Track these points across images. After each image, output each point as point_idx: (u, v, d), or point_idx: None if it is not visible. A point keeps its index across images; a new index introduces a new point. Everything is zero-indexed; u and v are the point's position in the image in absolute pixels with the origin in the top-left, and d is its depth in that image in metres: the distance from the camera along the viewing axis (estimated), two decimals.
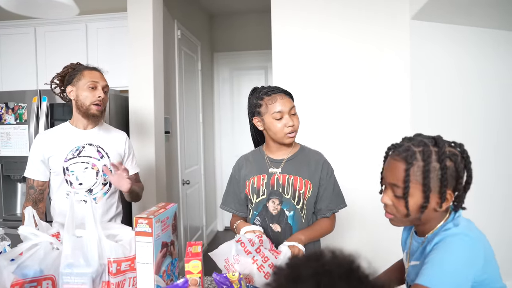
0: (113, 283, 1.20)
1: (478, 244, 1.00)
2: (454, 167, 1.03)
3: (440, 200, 1.04)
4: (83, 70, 1.78)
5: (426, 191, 1.03)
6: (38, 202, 1.81)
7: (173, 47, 3.46)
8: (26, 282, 1.13)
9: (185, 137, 3.80)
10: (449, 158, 1.03)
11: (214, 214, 5.00)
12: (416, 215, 1.07)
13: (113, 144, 1.87)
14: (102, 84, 1.79)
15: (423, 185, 1.03)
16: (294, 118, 1.52)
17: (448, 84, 2.56)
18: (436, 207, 1.05)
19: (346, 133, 2.59)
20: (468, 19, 2.47)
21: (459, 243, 0.99)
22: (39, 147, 1.77)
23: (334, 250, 0.61)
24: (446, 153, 1.03)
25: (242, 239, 1.32)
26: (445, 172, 1.02)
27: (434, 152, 1.04)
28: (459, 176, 1.04)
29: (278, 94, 1.51)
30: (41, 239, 1.23)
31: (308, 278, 0.56)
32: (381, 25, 2.53)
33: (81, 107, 1.76)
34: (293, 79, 2.60)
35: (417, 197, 1.05)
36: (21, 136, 2.70)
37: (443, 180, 1.02)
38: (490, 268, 1.02)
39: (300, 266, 0.59)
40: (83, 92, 1.75)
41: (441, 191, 1.03)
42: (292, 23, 2.62)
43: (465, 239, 1.00)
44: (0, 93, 2.76)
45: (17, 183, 2.85)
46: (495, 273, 1.05)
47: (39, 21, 3.08)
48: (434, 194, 1.04)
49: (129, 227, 1.39)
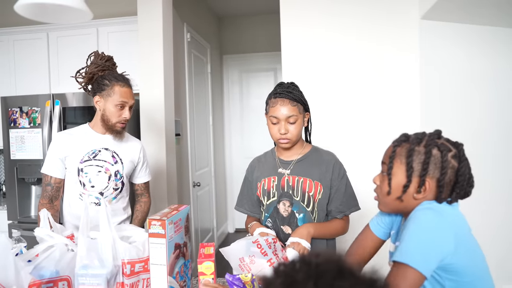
0: (127, 284, 1.21)
1: (444, 223, 1.01)
2: (440, 157, 1.05)
3: (419, 185, 1.07)
4: (115, 84, 1.78)
5: (408, 170, 1.07)
6: (54, 199, 1.83)
7: (182, 49, 3.49)
8: (43, 282, 1.15)
9: (195, 139, 3.83)
10: (437, 147, 1.07)
11: (224, 216, 5.02)
12: (397, 194, 1.11)
13: (128, 151, 1.90)
14: (130, 103, 1.82)
15: (406, 164, 1.08)
16: (291, 126, 1.50)
17: (459, 84, 2.54)
18: (415, 193, 1.08)
19: (357, 133, 2.58)
20: (479, 18, 2.44)
21: (424, 215, 1.03)
22: (58, 145, 1.81)
23: (319, 252, 0.63)
24: (435, 142, 1.07)
25: (259, 240, 1.32)
26: (428, 157, 1.05)
27: (425, 139, 1.09)
28: (443, 168, 1.05)
29: (280, 99, 1.49)
30: (57, 240, 1.26)
31: (304, 281, 0.57)
32: (390, 25, 2.51)
33: (107, 121, 1.81)
34: (302, 80, 2.59)
35: (400, 176, 1.09)
36: (35, 140, 2.74)
37: (424, 164, 1.05)
38: (465, 261, 1.01)
39: (292, 272, 0.60)
40: (111, 108, 1.78)
41: (420, 175, 1.06)
42: (301, 23, 2.62)
43: (429, 212, 1.04)
44: (15, 98, 2.81)
45: (31, 186, 2.90)
46: (476, 273, 1.04)
47: (51, 26, 3.13)
48: (415, 178, 1.07)
49: (142, 228, 1.41)
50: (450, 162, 1.05)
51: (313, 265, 0.60)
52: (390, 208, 1.18)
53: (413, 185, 1.08)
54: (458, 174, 1.06)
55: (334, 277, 0.57)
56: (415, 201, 1.10)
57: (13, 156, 2.78)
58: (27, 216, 2.85)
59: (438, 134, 1.11)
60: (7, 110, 2.77)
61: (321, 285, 0.56)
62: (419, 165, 1.06)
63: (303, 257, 0.63)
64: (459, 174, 1.06)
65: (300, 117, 1.52)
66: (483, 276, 1.06)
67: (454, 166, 1.06)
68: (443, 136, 1.12)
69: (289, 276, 0.59)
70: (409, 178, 1.07)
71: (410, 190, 1.08)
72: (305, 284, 0.57)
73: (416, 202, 1.09)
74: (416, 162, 1.06)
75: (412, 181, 1.07)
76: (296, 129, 1.51)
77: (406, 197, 1.10)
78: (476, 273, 1.04)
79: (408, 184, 1.07)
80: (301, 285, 0.57)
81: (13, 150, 2.78)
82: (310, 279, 0.57)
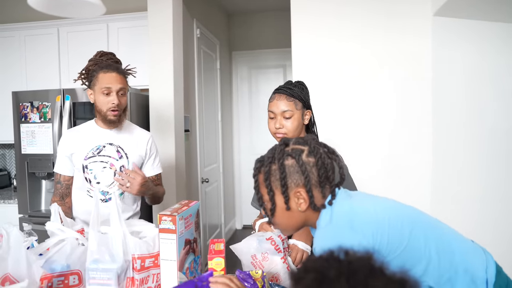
0: (137, 279, 1.21)
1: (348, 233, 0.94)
2: (296, 164, 0.98)
3: (285, 202, 0.99)
4: (99, 72, 1.74)
5: (269, 193, 1.00)
6: (65, 196, 1.84)
7: (192, 46, 3.49)
8: (54, 276, 1.15)
9: (204, 135, 3.83)
10: (290, 156, 1.00)
11: (232, 212, 5.02)
12: (284, 217, 1.03)
13: (134, 144, 1.86)
14: (116, 88, 1.73)
15: (266, 187, 1.01)
16: (287, 121, 1.52)
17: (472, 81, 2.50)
18: (298, 207, 1.00)
19: (368, 131, 2.55)
20: (492, 14, 2.40)
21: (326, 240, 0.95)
22: (65, 144, 1.81)
23: (347, 250, 0.62)
24: (286, 151, 1.00)
25: (273, 237, 1.32)
26: (283, 171, 0.98)
27: (276, 154, 1.01)
28: (304, 171, 0.98)
29: (278, 94, 1.54)
30: (67, 235, 1.26)
31: (337, 278, 0.57)
32: (403, 22, 2.48)
33: (100, 112, 1.77)
34: (312, 77, 2.58)
35: (267, 203, 1.03)
36: (45, 135, 2.76)
37: (282, 180, 0.98)
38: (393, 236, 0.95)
39: (323, 268, 0.59)
40: (99, 97, 1.74)
41: (282, 192, 0.99)
42: (312, 20, 2.60)
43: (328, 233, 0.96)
44: (26, 93, 2.83)
45: (41, 180, 2.92)
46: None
47: (61, 21, 3.14)
48: (279, 197, 1.00)
49: (152, 224, 1.41)
50: (308, 161, 0.99)
51: (345, 262, 0.59)
52: (293, 229, 1.09)
53: (281, 204, 1.00)
54: (318, 168, 0.99)
55: (366, 275, 0.56)
56: (308, 213, 1.02)
57: (24, 150, 2.80)
58: (37, 210, 2.88)
59: (285, 142, 1.05)
60: (18, 105, 2.79)
61: (354, 283, 0.55)
62: (277, 183, 0.99)
63: (332, 253, 0.62)
64: (319, 168, 0.99)
65: (297, 113, 1.53)
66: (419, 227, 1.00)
67: (314, 163, 0.99)
68: (293, 139, 1.06)
69: (320, 272, 0.58)
70: (272, 201, 1.00)
71: (291, 206, 1.00)
72: (338, 281, 0.56)
73: (309, 213, 1.02)
74: (274, 182, 1.00)
75: (276, 203, 1.01)
76: (292, 124, 1.52)
77: (293, 214, 1.02)
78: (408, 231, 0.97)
79: (273, 207, 1.01)
80: (334, 282, 0.56)
81: (24, 144, 2.80)
82: (342, 276, 0.56)
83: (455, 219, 1.57)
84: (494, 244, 1.44)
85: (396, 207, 1.05)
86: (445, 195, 2.47)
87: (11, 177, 3.76)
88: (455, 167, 2.48)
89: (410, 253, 0.96)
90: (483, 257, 1.04)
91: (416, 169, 2.49)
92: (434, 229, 1.03)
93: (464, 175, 2.48)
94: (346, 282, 0.55)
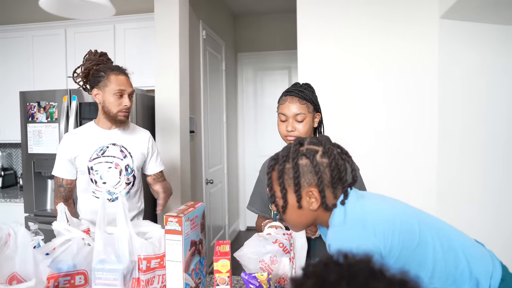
0: (143, 280, 1.21)
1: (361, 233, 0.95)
2: (309, 164, 0.99)
3: (298, 200, 1.01)
4: (110, 74, 1.77)
5: (282, 191, 1.02)
6: (68, 199, 1.86)
7: (198, 47, 3.50)
8: (60, 276, 1.16)
9: (209, 136, 3.83)
10: (304, 156, 1.01)
11: (236, 214, 5.02)
12: (295, 214, 1.04)
13: (136, 144, 1.89)
14: (129, 91, 1.80)
15: (279, 185, 1.02)
16: (299, 124, 1.51)
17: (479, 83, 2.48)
18: (310, 206, 1.02)
19: (374, 133, 2.55)
20: (499, 17, 2.39)
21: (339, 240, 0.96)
22: (65, 147, 1.81)
23: (346, 253, 0.62)
24: (300, 151, 1.01)
25: (279, 239, 1.31)
26: (297, 170, 0.99)
27: (290, 153, 1.02)
28: (317, 172, 0.98)
29: (290, 97, 1.51)
30: (74, 234, 1.26)
31: (337, 282, 0.57)
32: (409, 24, 2.48)
33: (108, 113, 1.79)
34: (318, 79, 2.58)
35: (279, 200, 1.05)
36: (52, 134, 2.78)
37: (295, 179, 1.00)
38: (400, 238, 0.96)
39: (323, 273, 0.59)
40: (110, 98, 1.77)
41: (295, 190, 1.00)
42: (318, 21, 2.60)
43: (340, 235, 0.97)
44: (33, 92, 2.85)
45: (47, 180, 2.93)
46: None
47: (69, 22, 3.17)
48: (291, 195, 1.02)
49: (158, 225, 1.41)
50: (322, 162, 1.00)
51: (345, 265, 0.59)
52: (302, 226, 1.10)
53: (293, 202, 1.02)
54: (331, 169, 0.99)
55: (367, 278, 0.56)
56: (319, 212, 1.03)
57: (31, 150, 2.82)
58: (43, 210, 2.89)
59: (300, 142, 1.05)
60: (25, 105, 2.81)
61: (354, 286, 0.55)
62: (290, 182, 1.01)
63: (331, 257, 0.62)
64: (332, 169, 0.99)
65: (309, 116, 1.52)
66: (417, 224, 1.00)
67: (327, 164, 1.00)
68: (308, 138, 1.07)
69: (320, 277, 0.58)
70: (285, 198, 1.02)
71: (303, 205, 1.02)
72: (339, 285, 0.56)
73: (320, 212, 1.03)
74: (287, 180, 1.01)
75: (288, 201, 1.02)
76: (304, 127, 1.51)
77: (304, 213, 1.03)
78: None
79: (285, 204, 1.02)
80: (334, 286, 0.56)
81: (30, 144, 2.82)
82: (343, 279, 0.56)
83: (460, 221, 1.56)
84: (505, 246, 1.42)
85: (406, 207, 1.07)
86: (450, 197, 2.46)
87: (17, 176, 3.78)
88: (460, 169, 2.47)
89: (420, 252, 0.97)
90: (489, 262, 1.04)
91: (421, 172, 2.48)
92: (440, 230, 1.04)
93: (469, 178, 2.47)
94: (347, 286, 0.55)
